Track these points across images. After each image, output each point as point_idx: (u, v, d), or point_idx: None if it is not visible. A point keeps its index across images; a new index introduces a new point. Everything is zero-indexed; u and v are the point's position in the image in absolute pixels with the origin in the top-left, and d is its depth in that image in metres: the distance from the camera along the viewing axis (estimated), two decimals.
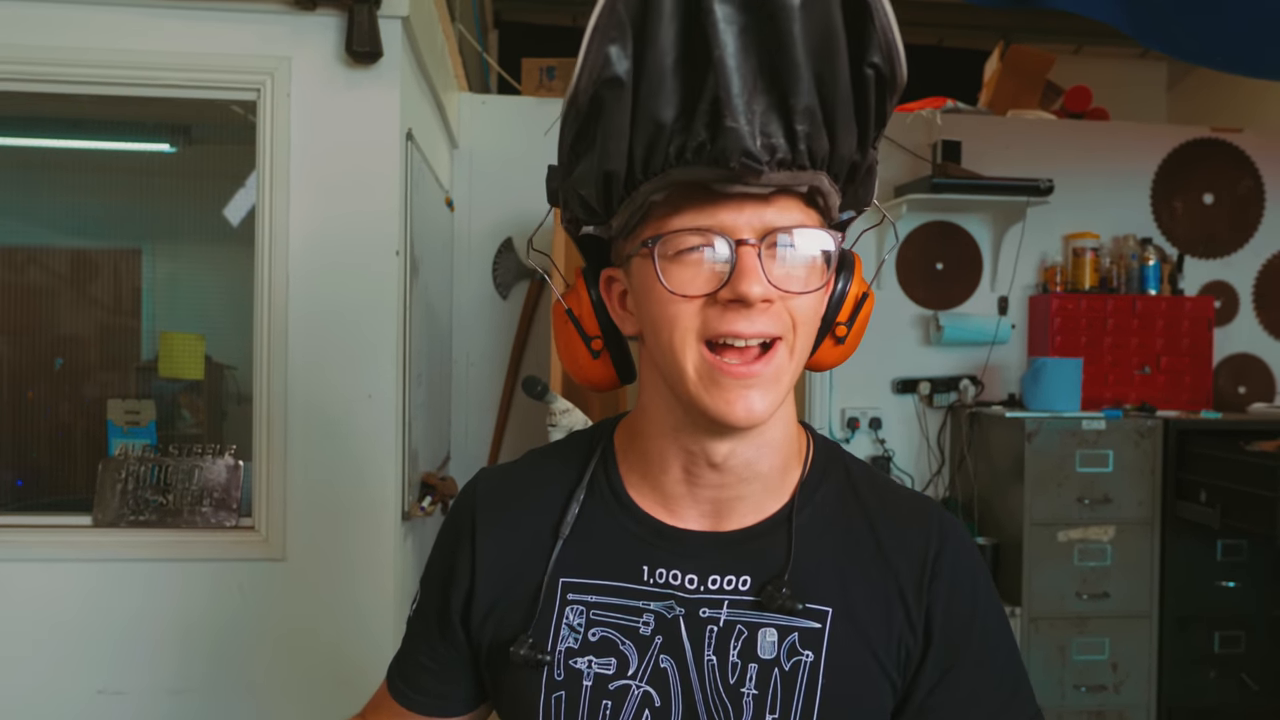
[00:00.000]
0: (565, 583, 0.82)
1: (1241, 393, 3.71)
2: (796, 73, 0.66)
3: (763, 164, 0.67)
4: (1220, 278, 3.73)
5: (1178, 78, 5.35)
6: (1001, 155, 3.55)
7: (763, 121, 0.67)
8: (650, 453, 0.82)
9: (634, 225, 0.76)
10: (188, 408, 2.70)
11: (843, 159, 0.72)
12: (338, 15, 2.07)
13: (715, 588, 0.79)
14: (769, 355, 0.73)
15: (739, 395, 0.72)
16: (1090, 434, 3.13)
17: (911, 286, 3.57)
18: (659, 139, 0.69)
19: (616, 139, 0.70)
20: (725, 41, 0.65)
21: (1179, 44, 2.17)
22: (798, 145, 0.68)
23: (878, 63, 0.68)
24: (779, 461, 0.82)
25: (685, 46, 0.67)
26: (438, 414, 2.97)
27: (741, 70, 0.66)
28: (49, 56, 2.06)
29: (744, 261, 0.70)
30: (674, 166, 0.70)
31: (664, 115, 0.68)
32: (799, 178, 0.70)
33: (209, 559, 2.12)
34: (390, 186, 2.15)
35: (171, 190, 2.79)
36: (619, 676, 0.78)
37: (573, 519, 0.83)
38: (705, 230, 0.71)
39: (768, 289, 0.71)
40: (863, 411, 3.53)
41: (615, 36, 0.67)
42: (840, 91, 0.68)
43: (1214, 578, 3.18)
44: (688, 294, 0.72)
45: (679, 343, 0.73)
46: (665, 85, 0.68)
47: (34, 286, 2.83)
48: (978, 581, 0.84)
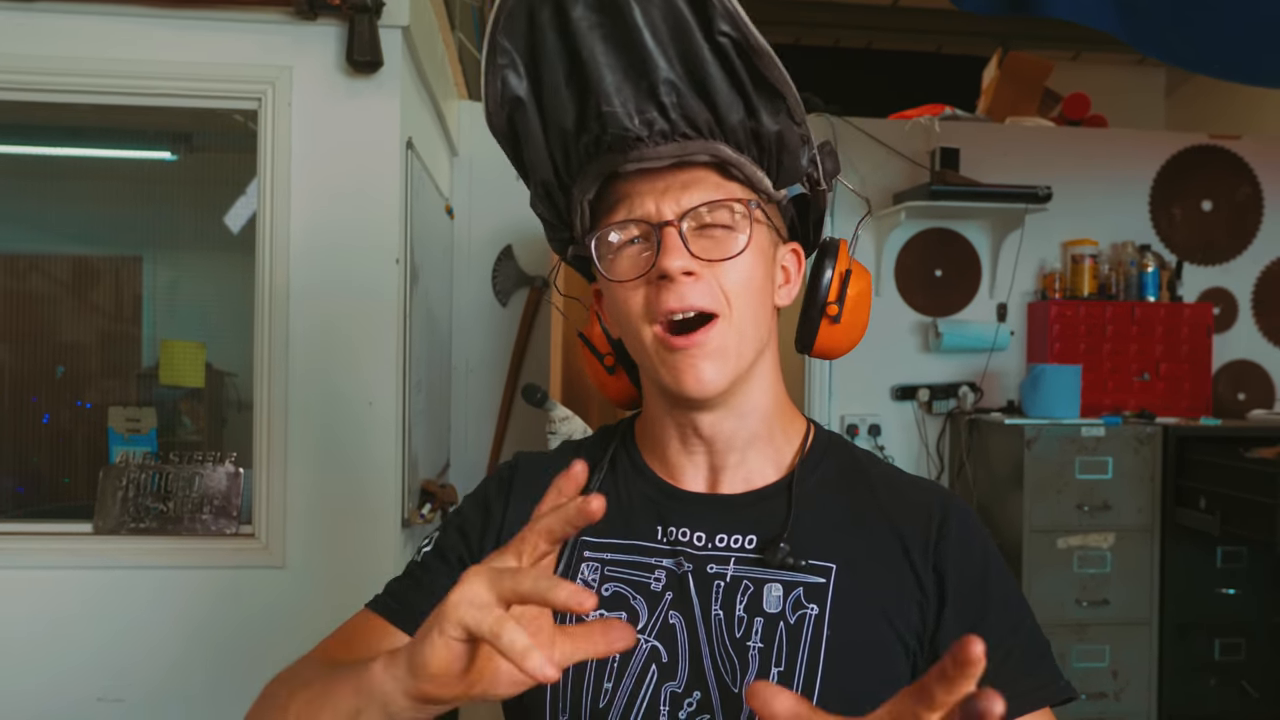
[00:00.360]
0: (583, 541, 0.86)
1: (1241, 399, 3.71)
2: (647, 52, 0.74)
3: (642, 138, 0.76)
4: (1219, 284, 3.73)
5: (1176, 85, 5.36)
6: (1000, 162, 3.56)
7: (636, 102, 0.76)
8: (656, 430, 0.89)
9: (586, 232, 0.84)
10: (188, 415, 2.71)
11: (734, 127, 0.79)
12: (338, 25, 2.09)
13: (722, 545, 0.83)
14: (708, 327, 0.78)
15: (688, 366, 0.79)
16: (1089, 441, 3.13)
17: (910, 293, 3.58)
18: (568, 143, 0.80)
19: (536, 151, 0.81)
20: (590, 44, 0.74)
21: (1176, 51, 2.17)
22: (669, 115, 0.76)
23: (727, 30, 0.75)
24: (764, 431, 0.87)
25: (569, 58, 0.76)
26: (437, 421, 2.98)
27: (609, 64, 0.75)
28: (52, 66, 2.07)
29: (665, 240, 0.77)
30: (587, 164, 0.80)
31: (566, 122, 0.78)
32: (689, 147, 0.78)
33: (209, 566, 2.12)
34: (390, 194, 2.16)
35: (172, 198, 2.80)
36: None
37: (595, 486, 0.89)
38: (630, 221, 0.80)
39: (688, 261, 0.77)
40: (862, 418, 3.54)
41: (505, 63, 0.77)
42: (704, 61, 0.75)
43: (1214, 585, 3.17)
44: (626, 278, 0.80)
45: (635, 326, 0.81)
46: (561, 95, 0.77)
47: (36, 294, 2.84)
48: (988, 549, 0.87)
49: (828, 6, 5.03)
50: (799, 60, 4.93)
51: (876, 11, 5.07)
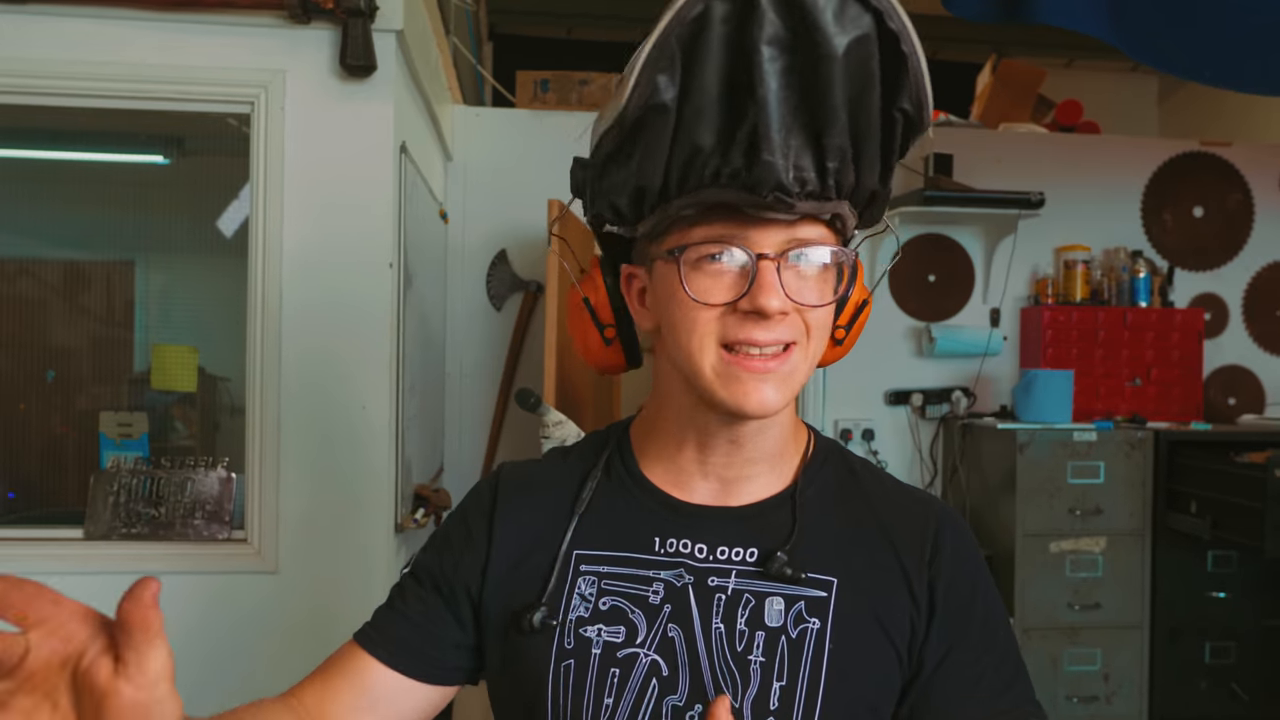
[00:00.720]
0: (579, 554, 0.85)
1: (1232, 404, 3.73)
2: (834, 115, 0.70)
3: (794, 196, 0.72)
4: (1210, 290, 3.75)
5: (1169, 92, 5.39)
6: (993, 168, 3.57)
7: (796, 156, 0.71)
8: (668, 434, 0.87)
9: (660, 232, 0.80)
10: (180, 420, 2.70)
11: (865, 190, 0.77)
12: (332, 29, 2.08)
13: (724, 558, 0.83)
14: (786, 354, 0.78)
15: (755, 387, 0.77)
16: (1081, 445, 3.14)
17: (904, 298, 3.59)
18: (696, 161, 0.73)
19: (655, 159, 0.75)
20: (769, 80, 0.68)
21: (1168, 58, 2.19)
22: (827, 180, 0.73)
23: (907, 108, 0.73)
24: (779, 445, 0.87)
25: (728, 79, 0.70)
26: (431, 426, 2.97)
27: (781, 108, 0.69)
28: (44, 69, 2.06)
29: (763, 275, 0.74)
30: (707, 187, 0.74)
31: (704, 141, 0.72)
32: (824, 207, 0.75)
33: (201, 572, 2.12)
34: (384, 199, 2.15)
35: (165, 202, 2.79)
36: (627, 645, 0.81)
37: (589, 495, 0.87)
38: (728, 242, 0.76)
39: (785, 302, 0.75)
40: (855, 423, 3.54)
41: (665, 66, 0.71)
42: (870, 131, 0.72)
43: (1204, 589, 3.19)
44: (709, 302, 0.76)
45: (698, 346, 0.78)
46: (708, 113, 0.71)
47: (26, 298, 2.82)
48: (979, 565, 0.87)
49: None
50: None
51: None
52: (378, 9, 2.05)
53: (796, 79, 0.69)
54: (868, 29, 0.69)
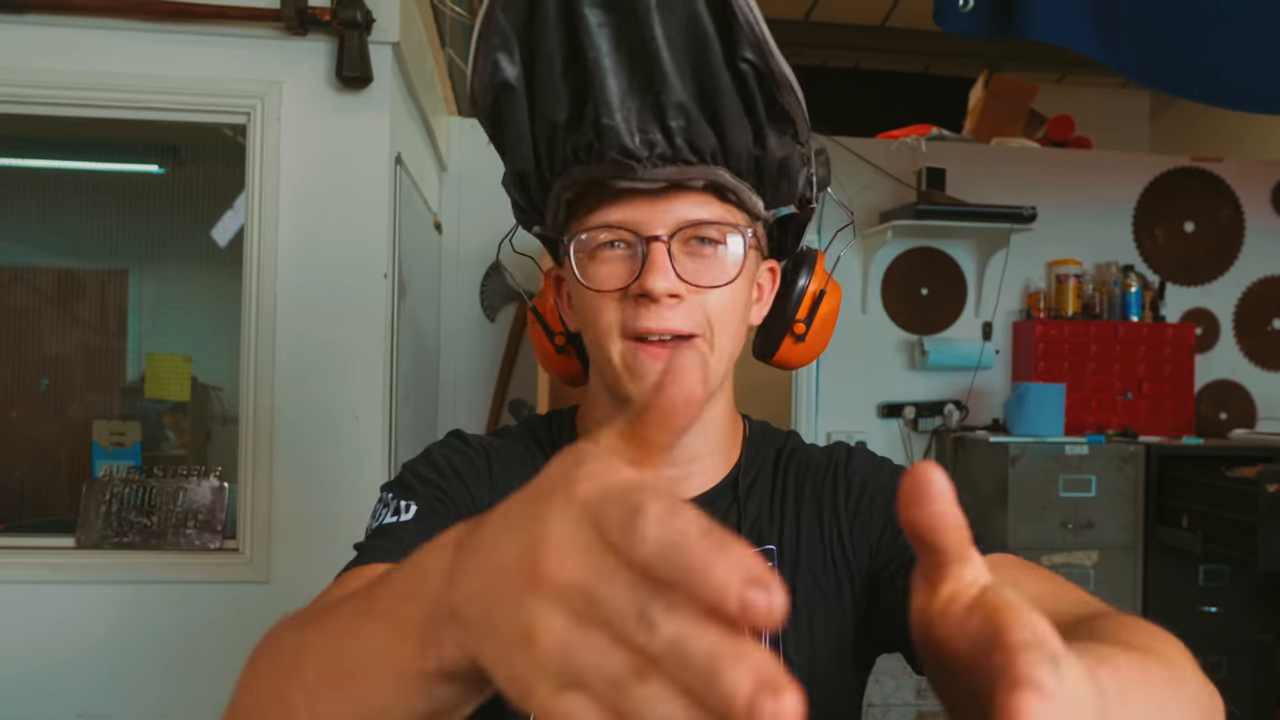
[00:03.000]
0: None
1: (1223, 419, 3.74)
2: (662, 69, 0.68)
3: (641, 159, 0.70)
4: (1201, 305, 3.77)
5: (1160, 108, 5.42)
6: (985, 182, 3.59)
7: (639, 119, 0.70)
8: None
9: (560, 224, 0.79)
10: (173, 429, 2.70)
11: (739, 154, 0.74)
12: (328, 41, 2.09)
13: None
14: (684, 347, 0.74)
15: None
16: (1073, 459, 3.15)
17: (896, 311, 3.60)
18: (555, 139, 0.73)
19: (519, 140, 0.74)
20: (598, 44, 0.68)
21: (1156, 76, 2.20)
22: (674, 139, 0.71)
23: (750, 58, 0.69)
24: (717, 442, 0.85)
25: (568, 52, 0.69)
26: (424, 436, 2.97)
27: (615, 71, 0.68)
28: (41, 78, 2.07)
29: (652, 256, 0.73)
30: (573, 165, 0.73)
31: (557, 117, 0.71)
32: (687, 172, 0.72)
33: (193, 581, 2.11)
34: (379, 209, 2.16)
35: (159, 211, 2.80)
36: None
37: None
38: (617, 227, 0.74)
39: (674, 284, 0.73)
40: (848, 435, 3.55)
41: (499, 44, 0.70)
42: (720, 88, 0.70)
43: (1196, 603, 3.19)
44: (603, 289, 0.75)
45: (603, 336, 0.77)
46: (556, 89, 0.70)
47: (20, 306, 2.82)
48: (869, 458, 0.88)
49: (816, 26, 5.07)
50: None
51: (864, 32, 5.11)
52: (374, 21, 2.06)
53: (624, 38, 0.68)
54: None
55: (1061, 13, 2.02)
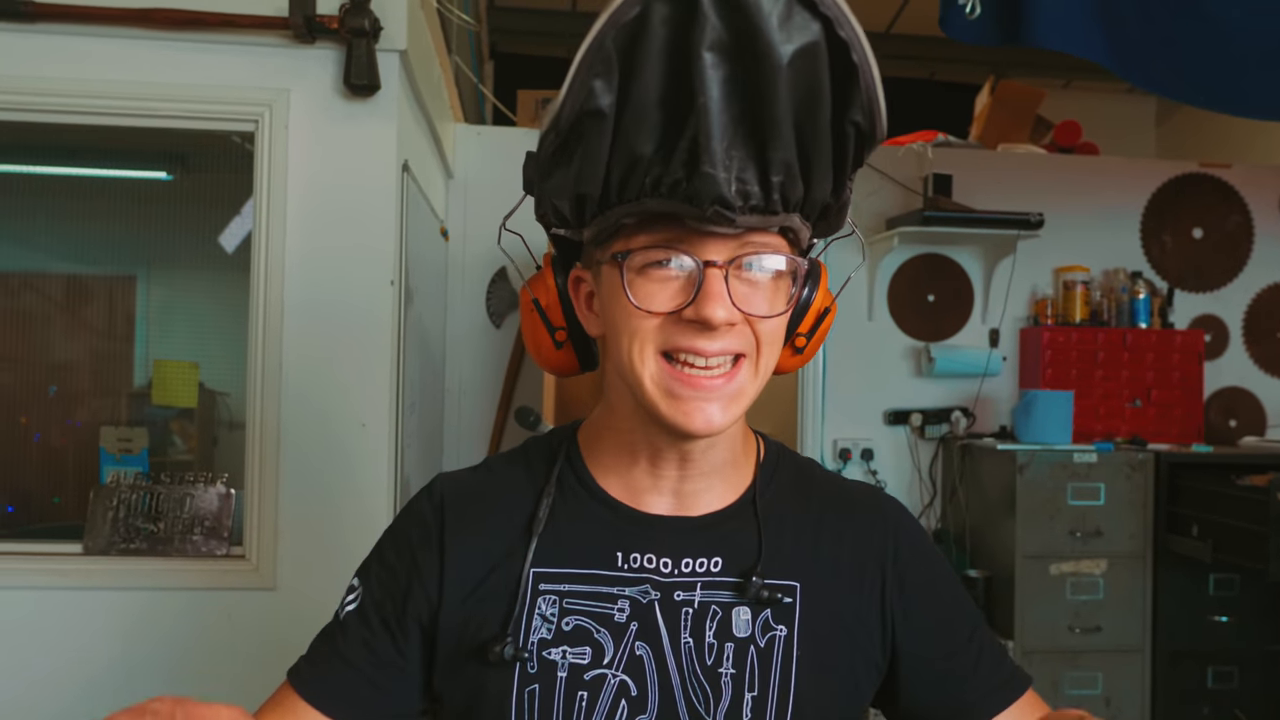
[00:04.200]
0: (536, 573, 0.81)
1: (1232, 426, 3.72)
2: (777, 128, 0.67)
3: (735, 210, 0.69)
4: (1210, 311, 3.76)
5: (1167, 114, 5.41)
6: (992, 189, 3.59)
7: (739, 169, 0.68)
8: (619, 446, 0.85)
9: (605, 238, 0.77)
10: (180, 435, 2.70)
11: (816, 202, 0.75)
12: (336, 49, 2.10)
13: (689, 570, 0.81)
14: (733, 371, 0.75)
15: (697, 407, 0.74)
16: (1081, 467, 3.14)
17: (903, 318, 3.60)
18: (636, 169, 0.71)
19: (593, 165, 0.72)
20: (710, 89, 0.65)
21: (1162, 82, 2.20)
22: (771, 195, 0.70)
23: (859, 120, 0.70)
24: (731, 456, 0.85)
25: (669, 85, 0.67)
26: (430, 443, 2.97)
27: (723, 118, 0.66)
28: (49, 86, 2.07)
29: (709, 284, 0.72)
30: (648, 197, 0.72)
31: (643, 149, 0.70)
32: (769, 220, 0.72)
33: (200, 588, 2.11)
34: (386, 217, 2.16)
35: (167, 218, 2.80)
36: (594, 666, 0.78)
37: (545, 514, 0.83)
38: (674, 248, 0.73)
39: (731, 312, 0.73)
40: (854, 442, 3.54)
41: (601, 71, 0.68)
42: (819, 145, 0.70)
43: (1206, 612, 3.17)
44: (652, 310, 0.74)
45: (638, 354, 0.75)
46: (647, 120, 0.69)
47: (29, 312, 2.83)
48: (933, 549, 0.92)
49: None
50: None
51: (870, 38, 5.07)
52: (381, 29, 2.06)
53: (740, 88, 0.66)
54: (816, 36, 0.66)
55: (1067, 19, 2.02)
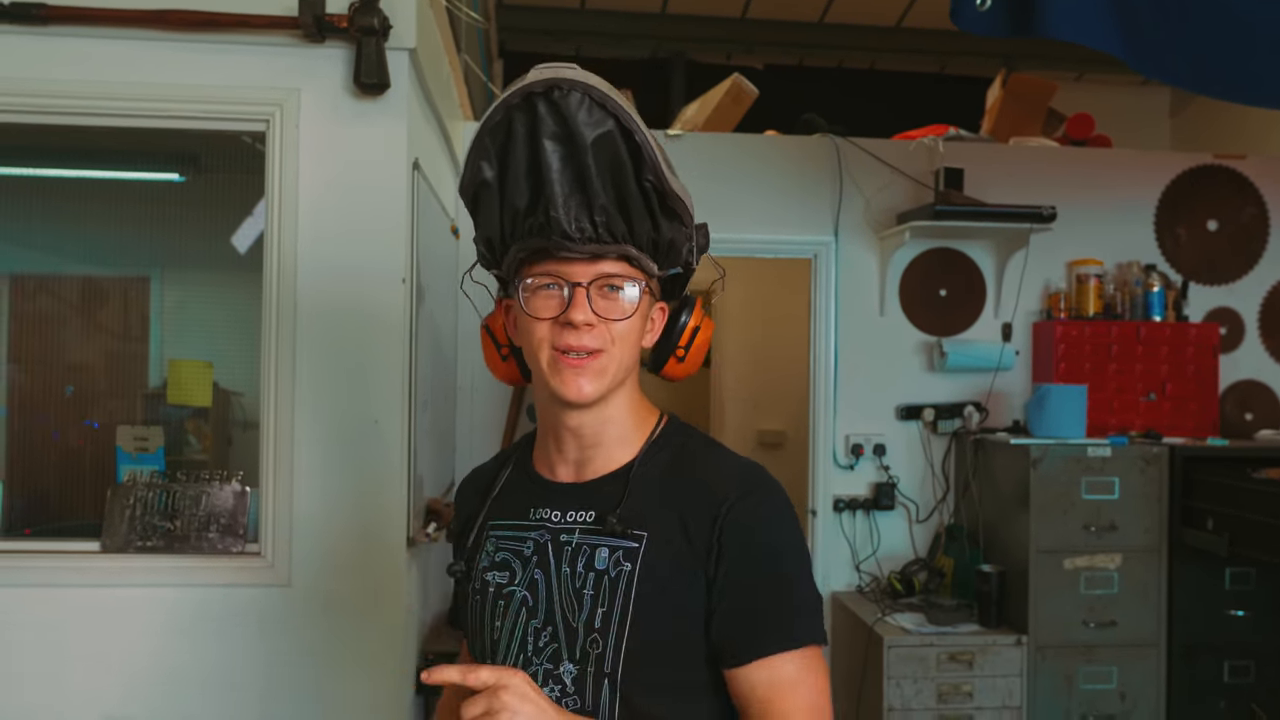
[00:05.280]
0: (491, 524, 1.20)
1: (1248, 419, 3.70)
2: (593, 185, 1.01)
3: (575, 240, 1.02)
4: (1225, 304, 3.73)
5: (1181, 105, 5.38)
6: (1004, 182, 3.57)
7: (576, 214, 1.02)
8: (543, 435, 1.19)
9: (513, 270, 1.09)
10: (195, 434, 2.72)
11: (641, 235, 1.06)
12: (346, 48, 2.11)
13: (571, 520, 1.13)
14: (594, 357, 1.07)
15: (572, 378, 1.07)
16: (1096, 461, 3.13)
17: (915, 313, 3.59)
18: (517, 219, 1.05)
19: (490, 218, 1.07)
20: (551, 163, 1.00)
21: (1176, 73, 2.18)
22: (599, 229, 1.03)
23: (650, 179, 1.02)
24: (620, 432, 1.14)
25: (530, 162, 1.01)
26: (442, 440, 2.98)
27: (561, 181, 1.01)
28: (62, 88, 2.09)
29: (576, 298, 1.05)
30: (527, 237, 1.05)
31: (519, 204, 1.04)
32: (606, 249, 1.04)
33: (215, 585, 2.13)
34: (397, 215, 2.17)
35: (180, 219, 2.82)
36: (509, 584, 1.13)
37: (500, 484, 1.23)
38: (555, 275, 1.06)
39: (589, 315, 1.05)
40: (867, 438, 3.54)
41: (483, 154, 1.03)
42: (629, 195, 1.03)
43: (1222, 606, 3.16)
44: (540, 317, 1.07)
45: (537, 348, 1.08)
46: (520, 185, 1.03)
47: (45, 314, 2.85)
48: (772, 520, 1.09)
49: (831, 28, 5.06)
50: (803, 82, 4.98)
51: (880, 32, 5.10)
52: (391, 28, 2.07)
53: (570, 161, 1.00)
54: (611, 127, 0.99)
55: (1079, 9, 2.00)
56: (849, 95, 5.22)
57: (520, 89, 1.00)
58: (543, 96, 0.99)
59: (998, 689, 3.07)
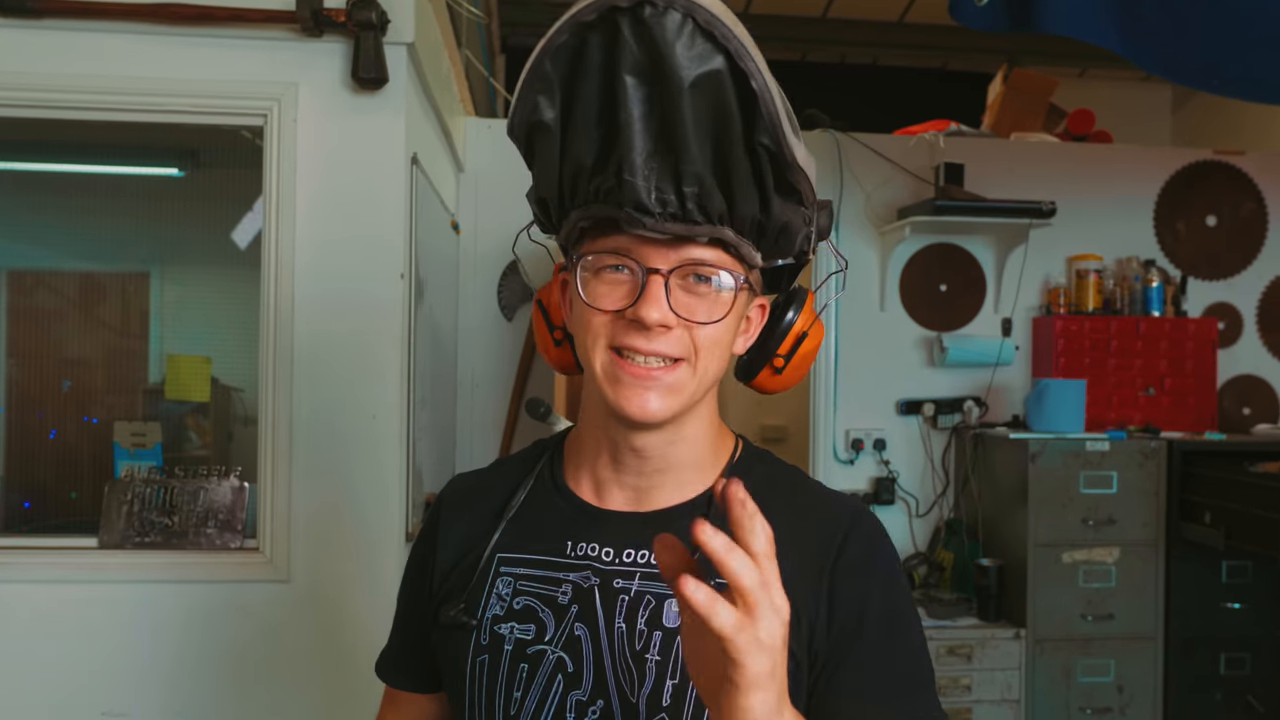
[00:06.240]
0: (501, 557, 0.91)
1: (1246, 414, 3.70)
2: (685, 143, 0.75)
3: (653, 214, 0.77)
4: (1224, 299, 3.73)
5: (1181, 101, 5.37)
6: (1005, 177, 3.57)
7: (658, 178, 0.77)
8: (587, 442, 0.93)
9: (574, 240, 0.86)
10: (194, 429, 2.72)
11: (744, 217, 0.80)
12: (344, 42, 2.10)
13: (629, 561, 0.87)
14: (671, 368, 0.82)
15: (636, 393, 0.82)
16: (1094, 455, 3.13)
17: (915, 308, 3.59)
18: (580, 177, 0.80)
19: (546, 172, 0.83)
20: (632, 109, 0.74)
21: (1176, 68, 2.18)
22: (686, 203, 0.77)
23: (765, 142, 0.76)
24: (694, 456, 0.90)
25: (604, 104, 0.76)
26: (442, 435, 2.99)
27: (643, 135, 0.75)
28: (59, 83, 2.09)
29: (650, 289, 0.80)
30: (592, 202, 0.81)
31: (585, 160, 0.79)
32: (695, 230, 0.79)
33: (213, 581, 2.13)
34: (395, 210, 2.17)
35: (179, 214, 2.82)
36: (536, 642, 0.86)
37: (517, 504, 0.94)
38: (625, 255, 0.81)
39: (666, 315, 0.80)
40: (867, 433, 3.54)
41: (542, 88, 0.77)
42: (733, 161, 0.76)
43: (1219, 599, 3.17)
44: (601, 308, 0.82)
45: (590, 345, 0.84)
46: (587, 135, 0.78)
47: (43, 309, 2.85)
48: (888, 573, 0.88)
49: (833, 23, 5.05)
50: (804, 77, 4.98)
51: (882, 28, 5.09)
52: (389, 22, 2.06)
53: (656, 108, 0.74)
54: (719, 66, 0.73)
55: (1081, 6, 2.00)
56: (851, 91, 5.21)
57: (596, 1, 0.73)
58: (628, 14, 0.72)
59: (996, 682, 3.08)
